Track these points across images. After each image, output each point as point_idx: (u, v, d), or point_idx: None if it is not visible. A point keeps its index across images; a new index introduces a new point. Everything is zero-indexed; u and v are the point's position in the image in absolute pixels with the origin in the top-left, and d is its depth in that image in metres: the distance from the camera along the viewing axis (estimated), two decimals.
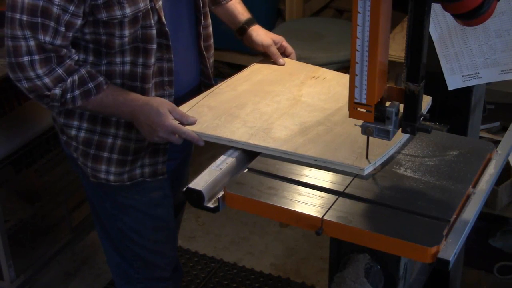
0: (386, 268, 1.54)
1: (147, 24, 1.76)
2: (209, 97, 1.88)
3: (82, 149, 1.91)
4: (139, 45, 1.78)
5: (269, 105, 1.84)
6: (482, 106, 2.03)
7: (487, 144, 1.70)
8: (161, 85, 1.86)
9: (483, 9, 1.41)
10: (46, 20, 1.65)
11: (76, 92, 1.74)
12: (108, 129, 1.87)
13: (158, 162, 1.95)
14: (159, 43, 1.80)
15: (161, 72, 1.85)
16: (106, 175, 1.92)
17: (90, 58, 1.79)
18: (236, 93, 1.90)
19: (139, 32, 1.76)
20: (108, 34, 1.74)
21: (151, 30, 1.77)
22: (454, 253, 1.36)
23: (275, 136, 1.69)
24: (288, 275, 2.96)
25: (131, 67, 1.80)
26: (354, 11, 1.41)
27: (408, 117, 1.49)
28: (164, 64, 1.84)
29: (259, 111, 1.81)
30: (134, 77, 1.81)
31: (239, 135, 1.70)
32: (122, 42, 1.75)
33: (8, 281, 2.78)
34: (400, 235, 1.39)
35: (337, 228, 1.45)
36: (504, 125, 2.85)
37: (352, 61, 1.46)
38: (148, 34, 1.77)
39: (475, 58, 1.78)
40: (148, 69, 1.80)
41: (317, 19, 3.56)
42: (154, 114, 1.73)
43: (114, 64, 1.79)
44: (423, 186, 1.55)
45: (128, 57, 1.78)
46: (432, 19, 1.70)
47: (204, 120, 1.76)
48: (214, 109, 1.81)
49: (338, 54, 3.09)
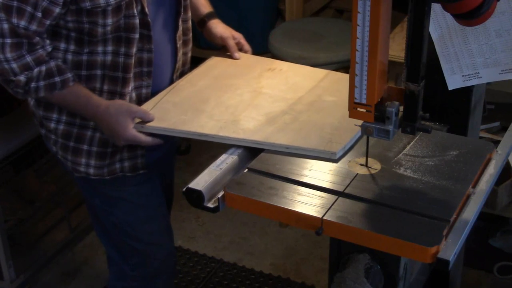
0: (386, 268, 1.54)
1: (130, 13, 1.76)
2: (172, 93, 1.89)
3: (61, 142, 1.91)
4: (121, 35, 1.78)
5: (232, 98, 1.86)
6: (482, 106, 2.03)
7: (487, 144, 1.70)
8: (140, 76, 1.87)
9: (483, 9, 1.41)
10: (23, 4, 1.65)
11: (41, 83, 1.74)
12: (88, 121, 1.87)
13: (137, 156, 1.94)
14: (140, 33, 1.81)
15: (140, 63, 1.85)
16: (86, 168, 1.92)
17: (71, 47, 1.79)
18: (197, 88, 1.93)
19: (122, 22, 1.76)
20: (91, 23, 1.73)
21: (134, 19, 1.77)
22: (454, 253, 1.36)
23: (244, 127, 1.72)
24: (288, 275, 2.96)
25: (113, 57, 1.80)
26: (354, 11, 1.41)
27: (408, 117, 1.49)
28: (144, 54, 1.85)
29: (223, 104, 1.83)
30: (116, 67, 1.81)
31: (209, 129, 1.72)
32: (105, 31, 1.75)
33: (8, 281, 2.79)
34: (400, 235, 1.39)
35: (337, 228, 1.45)
36: (504, 125, 2.85)
37: (352, 61, 1.46)
38: (131, 24, 1.77)
39: (475, 58, 1.78)
40: (130, 58, 1.81)
41: (317, 19, 3.56)
42: (114, 123, 1.75)
43: (96, 54, 1.79)
44: (423, 186, 1.55)
45: (110, 47, 1.79)
46: (432, 19, 1.70)
47: (171, 116, 1.78)
48: (178, 105, 1.83)
49: (338, 54, 3.09)
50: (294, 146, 1.65)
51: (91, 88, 1.84)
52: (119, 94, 1.85)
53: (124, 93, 1.85)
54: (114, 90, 1.84)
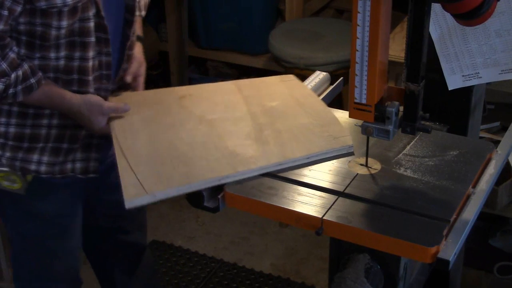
0: (386, 268, 1.54)
1: (85, 16, 1.72)
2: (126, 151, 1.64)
3: (12, 144, 1.84)
4: (75, 40, 1.73)
5: (193, 136, 1.68)
6: (482, 106, 2.03)
7: (487, 144, 1.70)
8: (99, 79, 1.83)
9: (483, 9, 1.41)
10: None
11: (19, 88, 1.69)
12: (40, 120, 1.82)
13: (91, 159, 1.89)
14: (97, 37, 1.77)
15: (100, 66, 1.82)
16: (37, 166, 1.85)
17: (22, 51, 1.73)
18: (145, 137, 1.68)
19: (76, 26, 1.72)
20: (44, 25, 1.68)
21: (89, 23, 1.73)
22: (454, 253, 1.35)
23: (250, 155, 1.60)
24: (288, 275, 2.96)
25: (66, 61, 1.75)
26: (354, 11, 1.41)
27: (408, 117, 1.49)
28: (103, 58, 1.81)
29: (194, 144, 1.64)
30: (70, 71, 1.77)
31: (222, 170, 1.54)
32: (58, 34, 1.70)
33: (8, 281, 2.79)
34: (400, 235, 1.39)
35: (337, 228, 1.45)
36: (504, 125, 2.86)
37: (352, 61, 1.46)
38: (86, 28, 1.73)
39: (475, 58, 1.78)
40: (87, 62, 1.77)
41: (317, 19, 3.56)
42: (87, 122, 1.78)
43: (48, 59, 1.74)
44: (423, 186, 1.55)
45: (63, 52, 1.74)
46: (432, 19, 1.70)
47: (164, 176, 1.52)
48: (150, 162, 1.58)
49: (338, 54, 3.10)
50: (313, 154, 1.61)
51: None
52: (78, 94, 1.81)
53: (83, 92, 1.80)
54: (69, 90, 1.79)
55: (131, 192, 1.46)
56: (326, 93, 2.03)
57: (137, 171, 1.51)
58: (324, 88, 2.05)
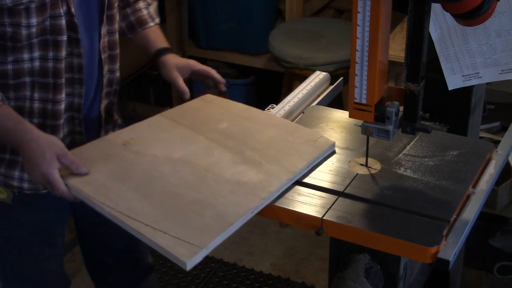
0: (386, 268, 1.54)
1: (56, 13, 1.65)
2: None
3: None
4: (48, 38, 1.67)
5: (182, 178, 1.56)
6: (482, 106, 2.03)
7: (487, 144, 1.70)
8: (71, 83, 1.75)
9: (483, 9, 1.41)
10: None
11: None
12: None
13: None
14: (69, 37, 1.70)
15: (71, 68, 1.74)
16: (20, 183, 1.80)
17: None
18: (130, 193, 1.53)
19: (48, 23, 1.65)
20: (14, 25, 1.62)
21: (60, 20, 1.66)
22: (454, 253, 1.36)
23: (259, 179, 1.54)
24: (288, 275, 2.96)
25: (41, 62, 1.69)
26: (354, 11, 1.41)
27: (408, 117, 1.49)
28: (74, 59, 1.73)
29: (193, 185, 1.54)
30: (45, 73, 1.70)
31: (246, 203, 1.47)
32: (29, 33, 1.63)
33: None
34: (400, 235, 1.39)
35: (337, 228, 1.45)
36: (504, 125, 2.86)
37: (352, 61, 1.46)
38: (58, 25, 1.66)
39: (475, 58, 1.78)
40: (60, 63, 1.70)
41: (317, 19, 3.56)
42: (38, 156, 1.55)
43: (22, 62, 1.67)
44: (423, 186, 1.55)
45: (36, 52, 1.67)
46: (432, 19, 1.70)
47: (199, 226, 1.43)
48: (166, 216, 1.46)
49: (338, 54, 3.10)
50: (311, 161, 1.61)
51: (21, 97, 1.71)
52: (52, 102, 1.73)
53: (57, 100, 1.73)
54: (45, 97, 1.73)
55: (184, 252, 1.35)
56: (326, 93, 2.03)
57: (166, 230, 1.40)
58: (324, 88, 2.05)
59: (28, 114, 1.74)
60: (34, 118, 1.75)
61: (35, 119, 1.75)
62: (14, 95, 1.71)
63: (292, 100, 1.93)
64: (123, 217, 1.44)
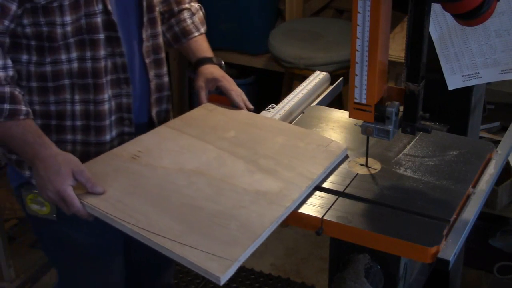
0: (386, 268, 1.54)
1: (90, 11, 1.63)
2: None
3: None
4: (84, 38, 1.65)
5: (199, 190, 1.53)
6: (482, 106, 2.04)
7: (487, 144, 1.70)
8: (117, 83, 1.73)
9: (483, 9, 1.41)
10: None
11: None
12: (64, 136, 1.73)
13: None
14: (107, 36, 1.67)
15: (115, 68, 1.71)
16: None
17: (33, 58, 1.65)
18: (149, 208, 1.48)
19: (83, 22, 1.64)
20: (49, 24, 1.61)
21: (96, 18, 1.64)
22: (454, 253, 1.36)
23: (278, 188, 1.52)
24: (288, 275, 2.96)
25: (79, 63, 1.67)
26: (354, 11, 1.41)
27: (408, 117, 1.49)
28: (117, 59, 1.71)
29: (211, 197, 1.50)
30: (84, 74, 1.68)
31: (270, 213, 1.47)
32: (64, 32, 1.62)
33: (8, 281, 2.79)
34: (400, 235, 1.39)
35: (337, 228, 1.45)
36: (504, 125, 2.86)
37: (352, 61, 1.46)
38: (93, 23, 1.64)
39: (475, 58, 1.78)
40: (99, 62, 1.67)
41: (317, 19, 3.56)
42: (54, 172, 1.52)
43: (60, 63, 1.65)
44: (423, 186, 1.55)
45: (74, 53, 1.65)
46: (432, 19, 1.70)
47: (226, 238, 1.41)
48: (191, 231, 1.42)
49: (338, 54, 3.10)
50: (328, 167, 1.59)
51: (61, 100, 1.69)
52: (94, 103, 1.70)
53: (99, 100, 1.70)
54: (87, 98, 1.70)
55: (216, 267, 1.34)
56: (326, 93, 2.03)
57: (194, 245, 1.37)
58: (324, 88, 2.06)
59: (70, 117, 1.71)
60: (77, 120, 1.72)
61: (77, 121, 1.72)
62: (54, 99, 1.69)
63: (292, 100, 1.93)
64: (147, 234, 1.39)
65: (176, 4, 1.95)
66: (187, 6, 1.98)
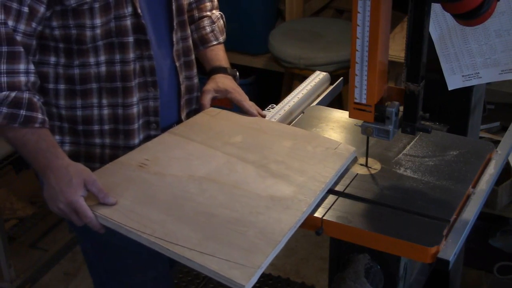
0: (386, 268, 1.54)
1: (120, 14, 1.62)
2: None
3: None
4: (113, 41, 1.64)
5: (212, 197, 1.51)
6: (482, 106, 2.04)
7: (487, 144, 1.70)
8: (144, 86, 1.71)
9: (483, 9, 1.41)
10: (8, 1, 1.50)
11: (3, 109, 1.52)
12: (93, 139, 1.71)
13: None
14: (137, 39, 1.66)
15: (143, 71, 1.70)
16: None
17: (61, 60, 1.64)
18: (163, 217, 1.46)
19: (113, 25, 1.62)
20: (79, 27, 1.59)
21: (125, 21, 1.63)
22: (454, 253, 1.36)
23: (292, 193, 1.51)
24: (288, 275, 2.96)
25: (108, 67, 1.65)
26: (354, 11, 1.41)
27: (408, 117, 1.49)
28: (145, 62, 1.69)
29: (226, 204, 1.48)
30: (113, 78, 1.66)
31: (287, 218, 1.44)
32: (93, 35, 1.60)
33: (8, 281, 2.79)
34: (400, 235, 1.39)
35: (337, 228, 1.45)
36: (504, 125, 2.86)
37: (352, 61, 1.46)
38: (123, 26, 1.63)
39: (475, 58, 1.78)
40: (128, 65, 1.66)
41: (317, 19, 3.57)
42: (65, 182, 1.50)
43: (88, 66, 1.64)
44: (423, 186, 1.55)
45: (102, 56, 1.64)
46: (432, 19, 1.70)
47: (245, 245, 1.39)
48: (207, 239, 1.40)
49: (338, 54, 3.10)
50: (339, 169, 1.58)
51: (88, 105, 1.67)
52: (123, 106, 1.68)
53: (127, 104, 1.68)
54: (115, 102, 1.68)
55: (239, 275, 1.31)
56: (326, 93, 2.03)
57: (214, 253, 1.35)
58: (324, 88, 2.06)
59: (98, 122, 1.70)
60: (105, 124, 1.70)
61: (105, 125, 1.70)
62: (81, 103, 1.68)
63: (292, 100, 1.93)
64: (165, 243, 1.37)
65: (198, 10, 1.94)
66: (208, 13, 1.96)
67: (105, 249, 1.82)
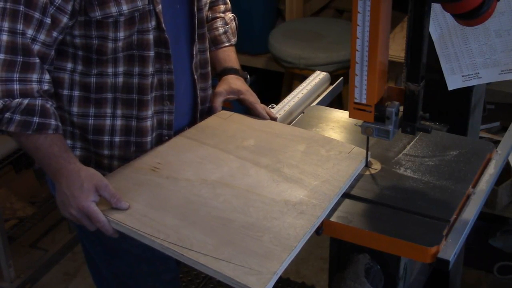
0: (386, 268, 1.54)
1: (144, 27, 1.60)
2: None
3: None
4: (134, 53, 1.62)
5: (226, 202, 1.49)
6: (482, 106, 2.04)
7: (487, 144, 1.70)
8: (160, 100, 1.69)
9: (483, 9, 1.41)
10: (30, 10, 1.48)
11: (16, 117, 1.51)
12: (101, 150, 1.69)
13: None
14: (158, 52, 1.65)
15: (161, 85, 1.68)
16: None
17: (79, 67, 1.62)
18: (177, 222, 1.44)
19: (135, 38, 1.60)
20: (101, 38, 1.58)
21: (148, 35, 1.61)
22: (454, 253, 1.36)
23: (306, 197, 1.49)
24: (288, 275, 2.96)
25: (125, 78, 1.63)
26: (354, 11, 1.41)
27: (408, 117, 1.49)
28: (164, 76, 1.67)
29: (240, 209, 1.47)
30: (129, 89, 1.64)
31: (302, 223, 1.42)
32: (115, 47, 1.59)
33: (8, 281, 2.79)
34: (400, 235, 1.39)
35: (337, 228, 1.45)
36: (504, 125, 2.86)
37: (352, 61, 1.46)
38: (145, 40, 1.61)
39: (475, 58, 1.78)
40: (146, 79, 1.64)
41: (317, 19, 3.57)
42: (77, 187, 1.49)
43: (106, 76, 1.62)
44: (423, 186, 1.55)
45: (121, 67, 1.62)
46: (432, 19, 1.70)
47: (261, 251, 1.38)
48: (223, 245, 1.38)
49: (338, 54, 3.10)
50: (353, 174, 1.57)
51: (102, 114, 1.65)
52: (137, 118, 1.66)
53: (142, 116, 1.66)
54: (129, 114, 1.65)
55: (255, 281, 1.31)
56: (326, 93, 2.03)
57: (229, 259, 1.33)
58: (324, 88, 2.06)
59: (109, 133, 1.67)
60: (116, 136, 1.67)
61: (116, 137, 1.67)
62: (94, 112, 1.65)
63: (292, 100, 1.93)
64: (179, 249, 1.35)
65: (211, 11, 1.94)
66: (222, 15, 1.96)
67: (115, 254, 1.79)
